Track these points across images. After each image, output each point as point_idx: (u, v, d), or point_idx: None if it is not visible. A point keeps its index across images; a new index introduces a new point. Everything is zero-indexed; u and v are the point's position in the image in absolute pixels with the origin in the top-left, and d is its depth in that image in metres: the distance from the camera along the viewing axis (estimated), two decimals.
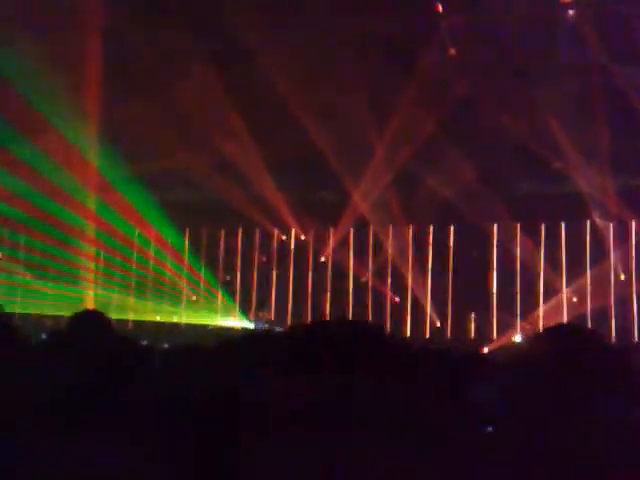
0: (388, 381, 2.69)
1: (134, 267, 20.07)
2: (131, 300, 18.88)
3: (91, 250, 18.60)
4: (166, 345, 10.29)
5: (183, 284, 19.92)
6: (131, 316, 18.62)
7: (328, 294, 19.31)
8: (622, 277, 17.68)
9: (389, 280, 19.00)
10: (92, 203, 17.93)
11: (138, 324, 18.63)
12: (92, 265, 18.69)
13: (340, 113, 16.27)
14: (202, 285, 20.10)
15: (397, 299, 18.83)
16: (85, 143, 17.03)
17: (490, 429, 3.13)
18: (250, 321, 18.47)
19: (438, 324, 18.39)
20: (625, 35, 15.02)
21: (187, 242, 20.43)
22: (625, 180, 16.56)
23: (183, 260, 20.32)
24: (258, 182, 17.76)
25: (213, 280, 20.13)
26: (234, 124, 16.67)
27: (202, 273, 20.17)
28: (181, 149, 17.08)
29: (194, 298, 19.65)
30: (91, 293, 18.30)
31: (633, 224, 17.66)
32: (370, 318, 18.71)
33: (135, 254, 20.29)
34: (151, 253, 20.48)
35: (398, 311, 18.78)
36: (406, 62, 15.96)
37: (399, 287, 18.86)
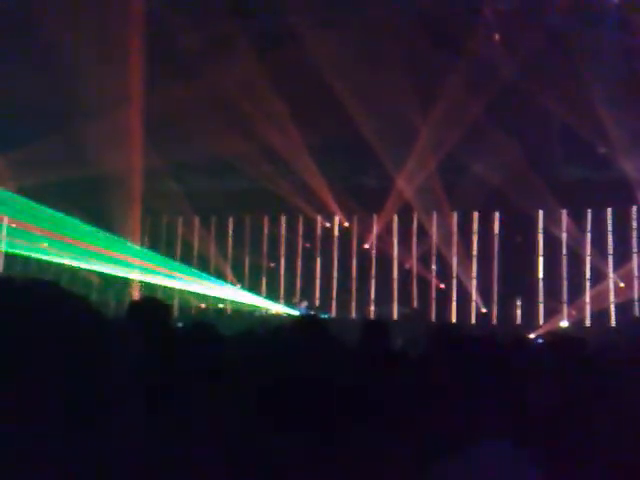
0: None
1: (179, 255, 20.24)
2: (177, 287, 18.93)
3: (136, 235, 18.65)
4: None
5: (228, 271, 20.00)
6: (176, 301, 18.70)
7: (372, 280, 19.29)
8: None
9: (433, 267, 18.91)
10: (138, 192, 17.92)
11: (185, 310, 18.72)
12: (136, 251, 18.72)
13: (384, 97, 16.10)
14: (246, 272, 20.17)
15: (442, 285, 18.74)
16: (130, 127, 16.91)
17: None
18: (292, 307, 18.44)
19: (484, 310, 18.28)
20: None
21: (230, 229, 20.51)
22: None
23: (227, 247, 20.40)
24: (301, 169, 17.69)
25: (257, 267, 20.17)
26: (276, 109, 16.52)
27: (246, 260, 20.23)
28: (223, 135, 16.95)
29: (238, 285, 19.69)
30: (137, 278, 18.37)
31: None
32: (415, 304, 18.69)
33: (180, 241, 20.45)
34: (195, 241, 20.61)
35: (443, 297, 18.70)
36: (452, 45, 15.78)
37: (444, 274, 18.78)
